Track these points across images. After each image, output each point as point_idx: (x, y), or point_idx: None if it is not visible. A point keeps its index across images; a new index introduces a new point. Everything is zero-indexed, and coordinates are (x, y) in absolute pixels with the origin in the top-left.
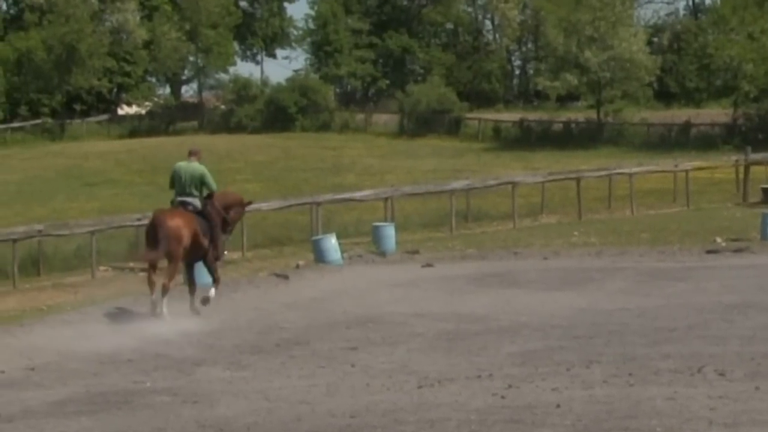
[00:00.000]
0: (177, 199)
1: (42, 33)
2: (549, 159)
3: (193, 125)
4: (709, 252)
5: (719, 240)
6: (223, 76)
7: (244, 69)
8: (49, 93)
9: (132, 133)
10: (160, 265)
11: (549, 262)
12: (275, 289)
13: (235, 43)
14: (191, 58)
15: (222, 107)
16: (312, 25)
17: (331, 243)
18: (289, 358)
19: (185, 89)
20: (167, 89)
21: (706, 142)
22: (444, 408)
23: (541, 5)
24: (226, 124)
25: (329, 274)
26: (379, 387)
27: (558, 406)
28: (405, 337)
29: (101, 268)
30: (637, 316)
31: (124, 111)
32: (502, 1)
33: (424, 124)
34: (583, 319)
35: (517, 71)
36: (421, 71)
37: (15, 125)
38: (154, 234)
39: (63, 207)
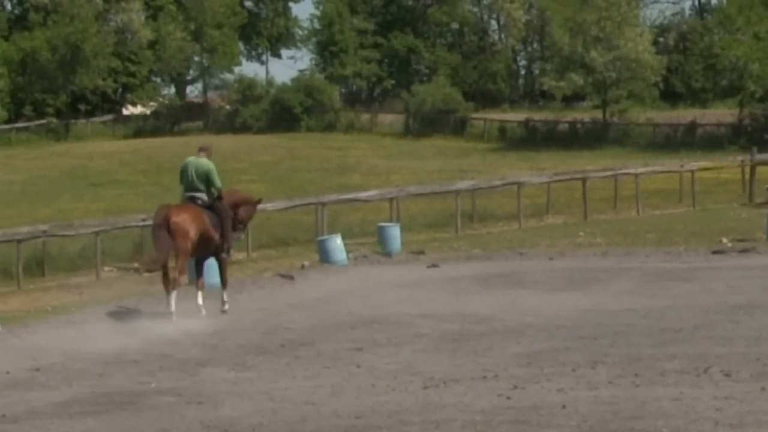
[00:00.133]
0: (186, 195)
1: (47, 33)
2: (554, 159)
3: (198, 125)
4: (715, 252)
5: (725, 240)
6: (228, 76)
7: (249, 69)
8: (54, 93)
9: (137, 134)
10: (171, 265)
11: (554, 262)
12: (280, 290)
13: (240, 43)
14: (196, 58)
15: (227, 107)
16: (317, 25)
17: (337, 243)
18: (294, 358)
19: (190, 89)
20: (172, 89)
21: (712, 142)
22: (449, 409)
23: (547, 5)
24: (231, 124)
25: (334, 274)
26: (385, 388)
27: (563, 406)
28: (410, 338)
29: (106, 268)
30: (643, 316)
31: (128, 111)
32: (507, 1)
33: (429, 124)
34: (589, 320)
35: (523, 71)
36: (427, 71)
37: (20, 125)
38: (159, 232)
39: (68, 207)
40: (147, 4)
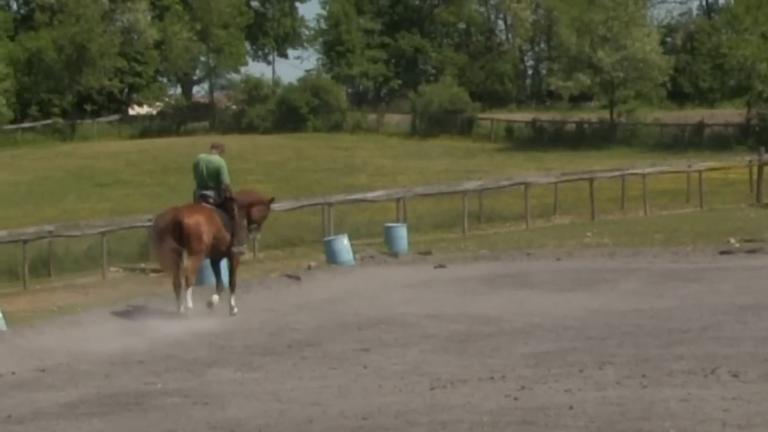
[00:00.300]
0: (198, 192)
1: (53, 33)
2: (562, 159)
3: (205, 125)
4: (723, 253)
5: (733, 241)
6: (235, 76)
7: (255, 69)
8: (60, 93)
9: (143, 134)
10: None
11: (562, 263)
12: (287, 290)
13: (247, 43)
14: (202, 58)
15: (233, 107)
16: (324, 25)
17: (343, 244)
18: (301, 359)
19: (196, 89)
20: (178, 89)
21: (719, 142)
22: (456, 410)
23: (554, 5)
24: (237, 124)
25: (341, 275)
26: (392, 388)
27: (571, 407)
28: (417, 339)
29: (112, 268)
30: (651, 317)
31: (135, 111)
32: (514, 1)
33: (436, 124)
34: (596, 320)
35: (530, 71)
36: (434, 71)
37: (26, 125)
38: (165, 238)
39: (74, 207)
40: (153, 4)
